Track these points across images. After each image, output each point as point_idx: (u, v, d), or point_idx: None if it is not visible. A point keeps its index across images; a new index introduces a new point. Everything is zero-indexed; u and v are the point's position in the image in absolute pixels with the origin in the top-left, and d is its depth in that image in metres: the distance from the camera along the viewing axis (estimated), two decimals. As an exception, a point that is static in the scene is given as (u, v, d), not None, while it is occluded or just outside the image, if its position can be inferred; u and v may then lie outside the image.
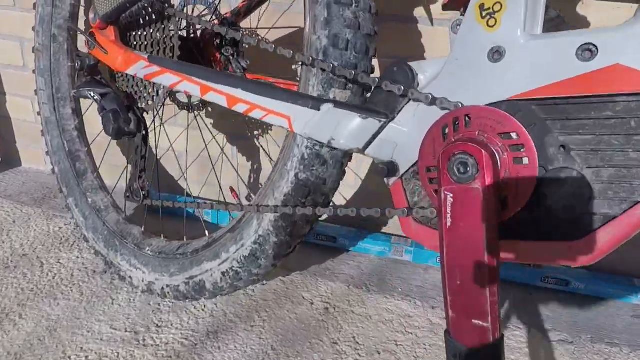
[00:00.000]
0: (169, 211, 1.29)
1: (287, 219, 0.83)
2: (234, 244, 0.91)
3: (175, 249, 1.05)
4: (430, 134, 0.61)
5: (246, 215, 0.90)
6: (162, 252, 1.06)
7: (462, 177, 0.55)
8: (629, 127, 0.51)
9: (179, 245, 1.05)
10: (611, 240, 0.53)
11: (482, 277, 0.53)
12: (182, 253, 1.02)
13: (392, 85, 0.64)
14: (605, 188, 0.53)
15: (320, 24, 0.72)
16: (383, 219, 1.34)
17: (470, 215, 0.54)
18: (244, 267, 0.91)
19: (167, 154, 1.40)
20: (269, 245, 0.87)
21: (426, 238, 0.66)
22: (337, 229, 1.30)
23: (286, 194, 0.82)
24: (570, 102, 0.54)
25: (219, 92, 0.80)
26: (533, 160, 0.54)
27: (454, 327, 0.56)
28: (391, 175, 0.68)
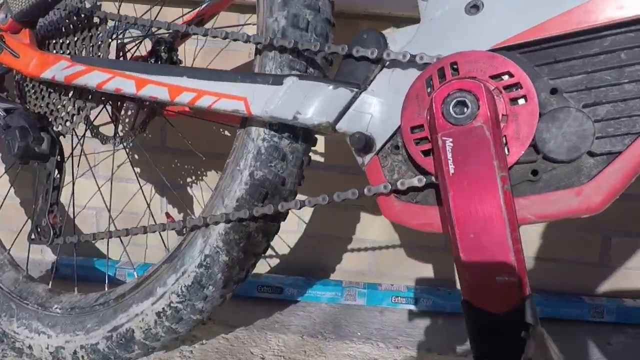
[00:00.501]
0: (85, 274, 1.09)
1: (240, 229, 0.71)
2: (173, 273, 0.75)
3: (94, 301, 0.85)
4: (413, 90, 0.55)
5: (188, 238, 0.76)
6: (75, 307, 0.85)
7: (462, 118, 0.49)
8: (619, 60, 0.50)
9: (99, 296, 0.85)
10: (621, 178, 0.49)
11: (501, 223, 0.46)
12: (104, 302, 0.83)
13: (364, 49, 0.59)
14: (605, 125, 0.50)
15: (277, 4, 0.67)
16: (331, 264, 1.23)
17: (477, 156, 0.48)
18: (185, 300, 0.74)
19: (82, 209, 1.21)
20: (218, 267, 0.72)
21: (413, 216, 0.58)
22: (282, 279, 1.17)
23: (239, 198, 0.70)
24: (556, 45, 0.52)
25: (159, 84, 0.70)
26: (531, 98, 0.50)
27: (475, 292, 0.46)
28: (366, 152, 0.60)
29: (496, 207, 0.46)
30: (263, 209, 0.66)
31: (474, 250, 0.46)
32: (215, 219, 0.70)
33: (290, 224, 1.22)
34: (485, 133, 0.48)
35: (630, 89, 0.50)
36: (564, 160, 0.51)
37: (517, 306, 0.44)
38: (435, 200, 0.57)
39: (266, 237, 0.74)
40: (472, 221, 0.47)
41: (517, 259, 0.45)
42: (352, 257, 1.23)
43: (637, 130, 0.49)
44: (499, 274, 0.45)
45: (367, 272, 1.22)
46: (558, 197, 0.51)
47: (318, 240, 1.23)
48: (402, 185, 0.57)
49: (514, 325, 0.44)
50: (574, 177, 0.51)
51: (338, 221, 1.21)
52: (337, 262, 1.23)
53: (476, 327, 0.45)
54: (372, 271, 1.22)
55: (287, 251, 1.24)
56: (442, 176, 0.49)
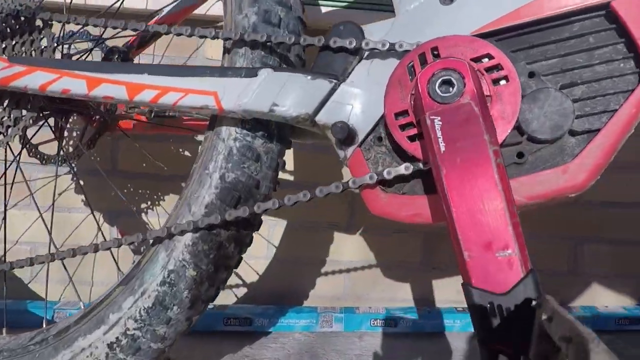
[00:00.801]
0: (16, 318, 0.96)
1: (210, 239, 0.65)
2: (130, 296, 0.67)
3: (28, 340, 0.74)
4: (395, 77, 0.55)
5: (148, 254, 0.69)
6: (3, 350, 0.74)
7: (448, 96, 0.49)
8: (588, 44, 0.52)
9: (35, 334, 0.74)
10: (602, 153, 0.50)
11: (497, 196, 0.44)
12: (41, 340, 0.72)
13: (341, 40, 0.58)
14: (582, 105, 0.52)
15: (247, 1, 0.66)
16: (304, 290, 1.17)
17: (468, 132, 0.47)
18: (144, 326, 0.66)
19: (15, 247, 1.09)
20: (184, 283, 0.65)
21: (401, 207, 0.56)
22: (251, 309, 1.09)
23: (208, 204, 0.65)
24: (530, 31, 0.54)
25: (115, 82, 0.65)
26: (513, 78, 0.51)
27: (475, 271, 0.44)
28: (348, 144, 0.58)
29: (491, 181, 0.45)
30: (237, 212, 0.61)
31: (471, 228, 0.44)
32: (181, 228, 0.64)
33: (258, 249, 1.16)
34: (473, 109, 0.48)
35: (601, 70, 0.52)
36: (547, 139, 0.51)
37: (519, 283, 0.42)
38: (422, 189, 0.56)
39: (239, 248, 0.68)
40: (467, 197, 0.45)
41: (516, 233, 0.44)
42: (326, 281, 1.18)
43: (612, 108, 0.51)
44: (499, 249, 0.43)
45: (343, 296, 1.18)
46: (545, 177, 0.51)
47: (289, 265, 1.17)
48: (389, 175, 0.55)
49: (518, 304, 0.42)
50: (558, 157, 0.52)
51: (310, 243, 1.17)
52: (310, 287, 1.18)
53: (479, 309, 0.42)
54: (348, 294, 1.17)
55: (256, 279, 1.17)
56: (433, 155, 0.48)
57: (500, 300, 0.42)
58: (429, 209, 0.55)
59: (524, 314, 0.41)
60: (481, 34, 0.54)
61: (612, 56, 0.51)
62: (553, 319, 0.30)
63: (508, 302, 0.42)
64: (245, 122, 0.64)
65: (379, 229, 1.17)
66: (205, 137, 0.69)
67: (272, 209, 0.60)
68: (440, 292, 1.20)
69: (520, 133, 0.52)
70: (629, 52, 0.51)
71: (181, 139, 1.11)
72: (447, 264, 1.19)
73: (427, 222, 0.55)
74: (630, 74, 0.51)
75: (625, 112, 0.50)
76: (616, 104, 0.51)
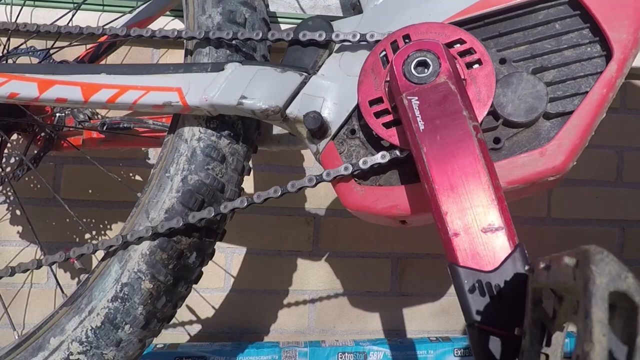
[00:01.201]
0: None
1: (169, 246, 0.59)
2: (75, 316, 0.60)
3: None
4: (368, 65, 0.53)
5: (98, 269, 0.62)
6: None
7: (425, 77, 0.48)
8: (555, 30, 0.53)
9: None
10: (578, 133, 0.50)
11: (481, 170, 0.42)
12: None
13: (311, 33, 0.57)
14: (554, 89, 0.52)
15: (211, 1, 0.64)
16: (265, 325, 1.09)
17: (446, 109, 0.45)
18: (91, 349, 0.59)
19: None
20: (139, 297, 0.59)
21: (377, 199, 0.53)
22: (206, 347, 1.00)
23: (169, 209, 0.59)
24: (498, 19, 0.54)
25: (69, 84, 0.61)
26: (486, 61, 0.50)
27: (461, 249, 0.40)
28: (321, 137, 0.56)
29: (473, 156, 0.43)
30: (201, 213, 0.56)
31: (455, 204, 0.42)
32: (137, 235, 0.58)
33: (214, 280, 1.09)
34: (450, 87, 0.46)
35: (569, 54, 0.52)
36: (523, 122, 0.50)
37: (508, 259, 0.39)
38: (399, 180, 0.53)
39: (200, 259, 0.63)
40: (449, 174, 0.43)
41: (502, 208, 0.41)
42: (289, 313, 1.10)
43: (584, 90, 0.51)
44: (485, 225, 0.41)
45: (307, 330, 1.10)
46: (524, 160, 0.50)
47: (248, 298, 1.10)
48: (365, 164, 0.52)
49: (508, 280, 0.39)
50: (534, 141, 0.51)
51: (271, 273, 1.10)
52: (272, 321, 1.10)
53: (467, 289, 0.39)
54: (313, 328, 1.10)
55: (212, 314, 1.08)
56: (412, 135, 0.46)
57: (489, 278, 0.39)
58: (407, 199, 0.52)
59: (514, 289, 0.38)
60: (451, 24, 0.54)
61: (578, 41, 0.52)
62: (551, 267, 0.27)
63: (497, 278, 0.39)
64: (209, 121, 0.60)
65: (345, 256, 1.13)
66: (165, 141, 0.64)
67: (240, 207, 0.56)
68: (412, 321, 1.15)
69: (495, 118, 0.51)
70: (594, 37, 0.52)
71: (132, 162, 1.05)
72: (418, 290, 1.16)
73: (405, 214, 0.52)
74: (598, 57, 0.52)
75: (596, 93, 0.50)
76: (587, 87, 0.51)
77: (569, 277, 0.22)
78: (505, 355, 0.36)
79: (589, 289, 0.20)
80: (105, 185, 1.02)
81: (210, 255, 0.65)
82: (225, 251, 1.10)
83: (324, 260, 1.13)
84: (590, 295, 0.20)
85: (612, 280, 0.20)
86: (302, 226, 1.12)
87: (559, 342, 0.31)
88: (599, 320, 0.19)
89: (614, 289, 0.20)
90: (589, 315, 0.19)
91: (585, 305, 0.20)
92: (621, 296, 0.20)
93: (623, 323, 0.20)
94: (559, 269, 0.25)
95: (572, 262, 0.22)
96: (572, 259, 0.22)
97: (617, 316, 0.21)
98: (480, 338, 0.37)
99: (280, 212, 1.10)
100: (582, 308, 0.20)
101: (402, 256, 1.15)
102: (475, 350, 0.37)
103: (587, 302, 0.20)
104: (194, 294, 1.08)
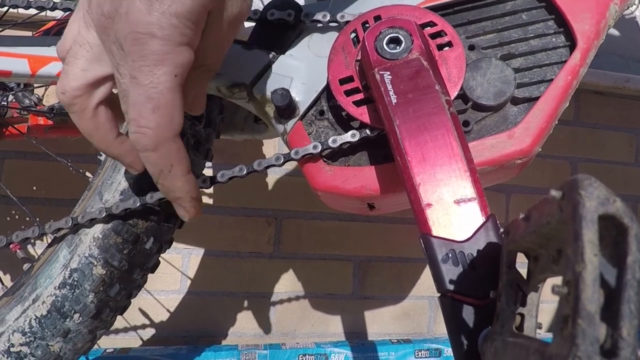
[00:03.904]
0: None
1: (124, 229, 0.55)
2: (17, 305, 0.55)
3: None
4: (338, 43, 0.52)
5: (44, 256, 0.58)
6: None
7: (397, 52, 0.47)
8: (522, 20, 0.54)
9: None
10: (545, 117, 0.51)
11: (452, 142, 0.42)
12: None
13: (279, 12, 0.56)
14: (521, 76, 0.53)
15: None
16: (223, 328, 1.05)
17: (419, 83, 0.45)
18: (35, 340, 0.54)
19: None
20: (89, 284, 0.55)
21: (347, 179, 0.52)
22: (160, 350, 0.95)
23: (125, 190, 0.56)
24: (466, 8, 0.55)
25: (15, 55, 0.57)
26: (457, 43, 0.51)
27: (434, 220, 0.40)
28: (289, 116, 0.54)
29: (445, 128, 0.43)
30: (159, 194, 0.53)
31: (427, 175, 0.41)
32: (89, 216, 0.54)
33: (170, 282, 1.04)
34: (423, 63, 0.46)
35: (535, 43, 0.54)
36: (492, 105, 0.51)
37: (480, 228, 0.39)
38: (368, 161, 0.52)
39: (158, 245, 0.59)
40: (422, 146, 0.42)
41: (474, 179, 0.41)
42: (248, 316, 1.07)
43: (549, 78, 0.52)
44: (458, 196, 0.40)
45: (267, 333, 1.07)
46: (493, 142, 0.50)
47: (205, 300, 1.05)
48: (334, 143, 0.51)
49: (481, 250, 0.39)
50: (502, 125, 0.52)
51: (230, 274, 1.06)
52: (230, 324, 1.06)
53: (439, 259, 0.38)
54: (273, 331, 1.07)
55: (166, 317, 1.03)
56: (384, 108, 0.45)
57: (462, 248, 0.38)
58: (376, 180, 0.51)
59: (487, 258, 0.38)
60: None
61: (544, 31, 0.54)
62: (531, 216, 0.26)
63: (470, 248, 0.38)
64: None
65: (307, 258, 1.11)
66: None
67: (205, 188, 0.53)
68: (374, 323, 1.14)
69: (464, 102, 0.52)
70: (559, 28, 0.53)
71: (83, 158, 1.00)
72: (379, 293, 1.15)
73: (374, 194, 0.51)
74: (562, 47, 0.53)
75: (561, 80, 0.52)
76: (552, 74, 0.52)
77: (555, 212, 0.22)
78: (479, 323, 0.35)
79: (579, 212, 0.19)
80: (51, 182, 0.96)
81: (168, 243, 0.62)
82: (182, 252, 1.06)
83: (285, 262, 1.11)
84: (580, 218, 0.19)
85: (601, 204, 0.19)
86: (262, 227, 1.10)
87: (534, 302, 0.30)
88: (589, 240, 0.19)
89: (603, 212, 0.19)
90: (579, 237, 0.19)
91: (576, 228, 0.19)
92: (607, 224, 0.20)
93: (611, 250, 0.20)
94: (541, 211, 0.24)
95: (558, 195, 0.21)
96: (558, 191, 0.21)
97: (604, 246, 0.20)
98: (453, 307, 0.36)
99: (240, 213, 1.07)
100: (571, 234, 0.19)
101: (364, 259, 1.14)
102: (448, 320, 0.36)
103: (578, 225, 0.19)
104: (148, 296, 1.03)
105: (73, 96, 0.38)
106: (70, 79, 0.37)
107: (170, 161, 0.38)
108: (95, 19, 0.35)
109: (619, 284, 0.19)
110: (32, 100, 0.81)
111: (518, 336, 0.29)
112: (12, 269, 0.97)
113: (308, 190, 0.55)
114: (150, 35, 0.33)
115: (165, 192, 0.41)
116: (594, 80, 1.30)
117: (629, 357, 0.18)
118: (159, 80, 0.34)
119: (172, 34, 0.33)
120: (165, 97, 0.35)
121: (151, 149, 0.37)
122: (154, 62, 0.33)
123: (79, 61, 0.37)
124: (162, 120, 0.35)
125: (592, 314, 0.18)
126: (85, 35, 0.37)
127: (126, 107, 0.36)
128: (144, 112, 0.35)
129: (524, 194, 1.26)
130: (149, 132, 0.36)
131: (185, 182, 0.40)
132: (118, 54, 0.34)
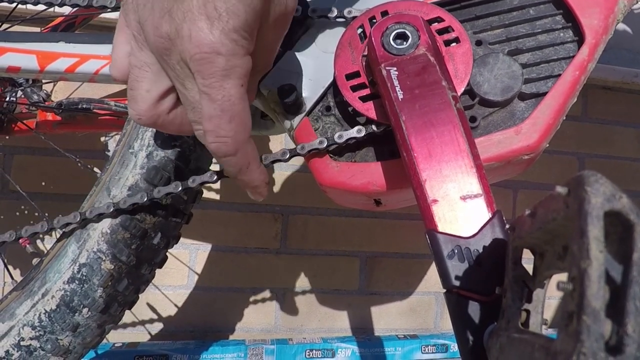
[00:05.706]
0: None
1: (132, 225, 0.56)
2: (27, 299, 0.56)
3: None
4: (345, 40, 0.52)
5: (54, 250, 0.59)
6: None
7: (404, 48, 0.47)
8: (530, 15, 0.54)
9: None
10: (552, 113, 0.50)
11: (458, 138, 0.42)
12: None
13: (287, 8, 0.56)
14: (529, 71, 0.53)
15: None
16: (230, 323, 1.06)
17: (426, 79, 0.45)
18: (45, 334, 0.55)
19: None
20: (98, 279, 0.55)
21: (353, 175, 0.52)
22: (168, 345, 0.96)
23: (132, 185, 0.57)
24: (473, 3, 0.55)
25: (24, 51, 0.57)
26: (464, 39, 0.50)
27: (441, 216, 0.40)
28: (295, 112, 0.54)
29: (452, 124, 0.43)
30: (167, 188, 0.54)
31: (433, 171, 0.41)
32: (97, 211, 0.55)
33: (177, 277, 1.05)
34: (429, 59, 0.46)
35: (543, 39, 0.53)
36: (499, 101, 0.51)
37: (487, 224, 0.39)
38: (375, 157, 0.52)
39: (165, 240, 0.60)
40: (428, 142, 0.42)
41: (480, 175, 0.41)
42: (255, 311, 1.07)
43: (557, 73, 0.52)
44: (464, 192, 0.40)
45: (274, 329, 1.07)
46: (500, 138, 0.50)
47: (213, 295, 1.06)
48: (340, 138, 0.51)
49: (487, 246, 0.39)
50: (509, 121, 0.51)
51: (237, 269, 1.07)
52: (237, 319, 1.06)
53: (446, 255, 0.38)
54: (280, 327, 1.07)
55: (174, 312, 1.04)
56: (390, 104, 0.45)
57: (468, 244, 0.38)
58: (382, 176, 0.51)
59: (493, 254, 0.38)
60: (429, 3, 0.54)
61: (552, 26, 0.53)
62: (537, 212, 0.26)
63: (476, 244, 0.38)
64: (179, 95, 0.58)
65: (313, 254, 1.11)
66: (128, 117, 0.62)
67: (210, 182, 0.54)
68: (380, 319, 1.14)
69: (471, 97, 0.51)
70: (567, 22, 0.53)
71: (91, 154, 1.01)
72: (386, 289, 1.15)
73: (381, 190, 0.51)
74: (570, 42, 0.53)
75: (568, 76, 0.51)
76: (560, 70, 0.52)
77: (561, 209, 0.22)
78: (484, 319, 0.35)
79: (585, 209, 0.19)
80: (60, 177, 0.97)
81: (175, 238, 0.62)
82: (189, 247, 1.07)
83: (291, 258, 1.11)
84: (585, 214, 0.19)
85: (606, 200, 0.19)
86: (269, 223, 1.10)
87: (540, 299, 0.30)
88: (595, 237, 0.19)
89: (609, 209, 0.19)
90: (585, 233, 0.19)
91: (581, 225, 0.19)
92: (613, 220, 0.20)
93: (617, 247, 0.20)
94: (547, 207, 0.24)
95: (564, 191, 0.21)
96: (564, 188, 0.21)
97: (610, 243, 0.20)
98: (459, 303, 0.36)
99: (247, 209, 1.08)
100: (577, 230, 0.19)
101: (370, 255, 1.14)
102: (454, 316, 0.36)
103: (583, 222, 0.19)
104: (155, 291, 1.04)
105: (149, 117, 0.39)
106: (140, 103, 0.38)
107: (248, 160, 0.40)
108: (152, 41, 0.35)
109: (625, 280, 0.19)
110: (40, 96, 0.82)
111: (523, 332, 0.29)
112: (21, 264, 0.98)
113: (315, 186, 0.55)
114: (215, 53, 0.34)
115: (243, 184, 0.43)
116: (602, 76, 1.29)
117: (634, 353, 0.18)
118: (230, 94, 0.35)
119: (234, 48, 0.34)
120: (237, 107, 0.36)
121: (232, 154, 0.38)
122: (222, 77, 0.35)
123: (142, 84, 0.38)
124: (238, 127, 0.37)
125: (597, 310, 0.18)
126: (140, 57, 0.37)
127: (195, 116, 0.37)
128: (221, 124, 0.36)
129: (531, 190, 1.25)
130: (229, 141, 0.37)
131: (260, 173, 0.43)
132: (182, 72, 0.35)
